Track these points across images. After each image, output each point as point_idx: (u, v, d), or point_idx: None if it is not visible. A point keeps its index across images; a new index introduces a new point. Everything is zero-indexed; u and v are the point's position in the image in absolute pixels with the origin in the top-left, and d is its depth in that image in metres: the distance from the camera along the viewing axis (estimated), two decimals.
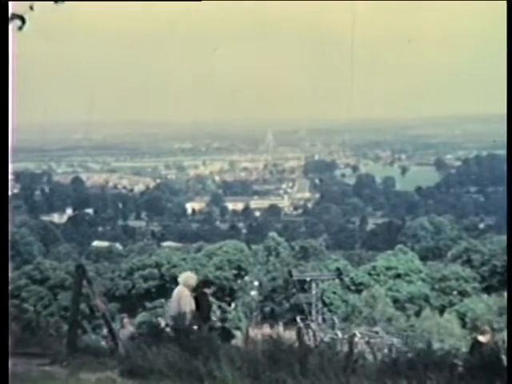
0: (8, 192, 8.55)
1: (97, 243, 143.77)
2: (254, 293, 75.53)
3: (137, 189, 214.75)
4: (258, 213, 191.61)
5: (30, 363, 9.74)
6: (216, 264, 75.99)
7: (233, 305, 73.05)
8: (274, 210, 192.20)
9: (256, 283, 76.56)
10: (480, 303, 66.16)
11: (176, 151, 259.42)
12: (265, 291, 75.05)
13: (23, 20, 7.20)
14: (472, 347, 13.23)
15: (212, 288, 13.92)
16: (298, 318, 54.64)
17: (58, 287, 67.45)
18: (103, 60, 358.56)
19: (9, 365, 7.64)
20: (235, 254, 77.71)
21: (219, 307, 63.99)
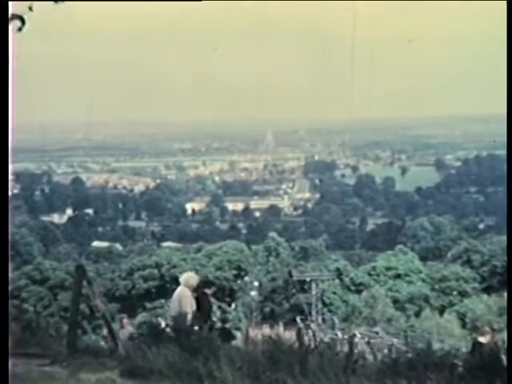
0: (8, 192, 8.54)
1: (97, 243, 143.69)
2: (254, 293, 75.52)
3: (137, 189, 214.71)
4: (258, 213, 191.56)
5: (30, 364, 9.74)
6: (216, 264, 75.94)
7: (233, 305, 72.99)
8: (274, 211, 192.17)
9: (256, 283, 76.55)
10: (480, 303, 66.13)
11: (176, 151, 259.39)
12: (265, 291, 75.04)
13: (23, 20, 7.20)
14: (473, 348, 13.22)
15: (213, 288, 13.92)
16: (298, 319, 54.62)
17: (58, 287, 67.42)
18: (103, 60, 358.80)
19: (9, 365, 7.64)
20: (235, 255, 77.65)
21: (219, 307, 63.93)
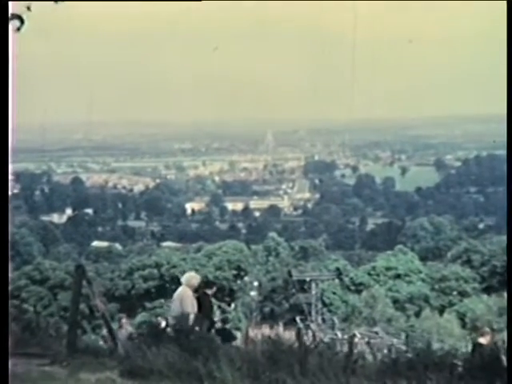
0: (8, 192, 8.54)
1: (96, 243, 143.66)
2: (254, 293, 75.54)
3: (136, 189, 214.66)
4: (258, 213, 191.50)
5: (30, 363, 9.74)
6: (216, 264, 75.91)
7: (232, 305, 72.98)
8: (274, 211, 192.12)
9: (256, 283, 76.57)
10: (480, 303, 66.12)
11: (176, 151, 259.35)
12: (264, 291, 75.05)
13: (22, 20, 7.20)
14: (473, 349, 13.19)
15: (214, 289, 13.89)
16: (298, 319, 54.70)
17: (58, 287, 67.41)
18: (103, 60, 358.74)
19: (9, 365, 7.64)
20: (235, 255, 77.63)
21: (219, 307, 63.91)
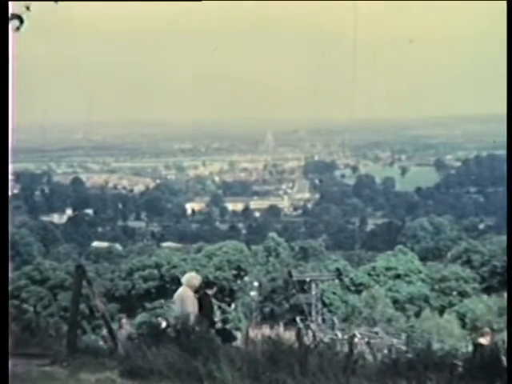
0: (8, 192, 8.54)
1: (96, 244, 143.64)
2: (254, 293, 75.52)
3: (137, 189, 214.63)
4: (258, 213, 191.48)
5: (30, 364, 9.74)
6: (216, 264, 75.95)
7: (233, 305, 73.00)
8: (274, 211, 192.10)
9: (256, 284, 76.55)
10: (480, 304, 66.13)
11: (176, 151, 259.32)
12: (264, 292, 75.04)
13: (21, 20, 7.20)
14: (474, 350, 13.18)
15: (214, 289, 13.88)
16: (298, 319, 54.71)
17: (58, 288, 67.42)
18: (103, 60, 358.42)
19: (9, 365, 7.64)
20: (235, 255, 77.66)
21: (219, 308, 63.92)
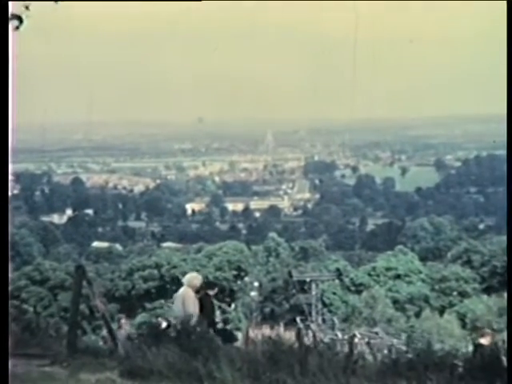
0: (8, 193, 8.54)
1: (97, 244, 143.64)
2: (254, 293, 75.49)
3: (137, 189, 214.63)
4: (258, 213, 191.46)
5: (30, 364, 9.73)
6: (216, 265, 75.96)
7: (233, 305, 72.99)
8: (274, 211, 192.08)
9: (256, 284, 76.52)
10: (480, 304, 66.13)
11: (176, 152, 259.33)
12: (265, 292, 75.02)
13: (20, 20, 7.21)
14: (474, 350, 13.17)
15: (215, 290, 13.86)
16: (298, 319, 54.70)
17: (58, 288, 67.40)
18: (103, 60, 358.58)
19: (9, 366, 7.64)
20: (235, 255, 77.67)
21: (219, 308, 63.89)
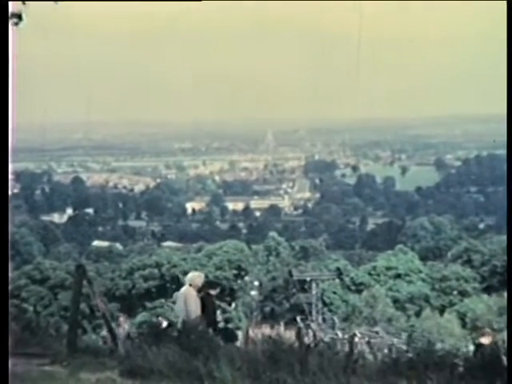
0: (8, 192, 8.55)
1: (97, 243, 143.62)
2: (254, 293, 75.46)
3: (137, 189, 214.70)
4: (258, 213, 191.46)
5: (30, 363, 9.73)
6: (216, 264, 75.94)
7: (233, 305, 72.97)
8: (274, 210, 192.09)
9: (256, 283, 76.48)
10: (480, 303, 66.10)
11: (176, 151, 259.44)
12: (265, 291, 75.01)
13: (20, 17, 7.23)
14: (475, 350, 13.16)
15: (217, 289, 13.86)
16: (298, 318, 54.67)
17: (58, 287, 67.38)
18: (103, 60, 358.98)
19: (9, 365, 7.64)
20: (235, 254, 77.65)
21: (219, 307, 63.89)
